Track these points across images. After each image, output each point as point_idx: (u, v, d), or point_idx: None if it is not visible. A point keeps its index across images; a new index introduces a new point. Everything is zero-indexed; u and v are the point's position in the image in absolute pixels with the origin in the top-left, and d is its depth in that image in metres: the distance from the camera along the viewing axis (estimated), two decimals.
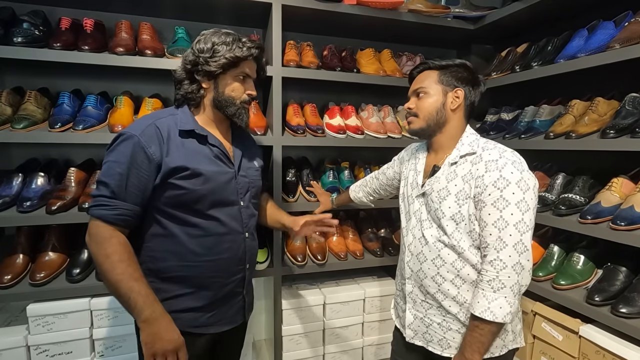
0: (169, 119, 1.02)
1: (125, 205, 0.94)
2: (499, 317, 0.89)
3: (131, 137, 0.94)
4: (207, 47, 1.00)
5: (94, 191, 0.95)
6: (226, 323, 1.10)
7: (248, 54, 1.02)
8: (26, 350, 1.34)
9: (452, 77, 1.03)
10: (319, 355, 1.73)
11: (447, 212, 0.98)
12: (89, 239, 0.93)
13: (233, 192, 1.07)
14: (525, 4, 1.53)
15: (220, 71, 1.01)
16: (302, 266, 1.63)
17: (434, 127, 1.04)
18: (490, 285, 0.90)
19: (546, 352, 1.41)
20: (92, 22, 1.42)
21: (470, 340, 0.94)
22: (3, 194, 1.34)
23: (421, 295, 1.07)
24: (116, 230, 0.93)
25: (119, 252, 0.91)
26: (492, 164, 0.93)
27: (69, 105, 1.41)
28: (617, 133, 1.21)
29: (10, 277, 1.32)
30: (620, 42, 1.19)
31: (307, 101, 1.81)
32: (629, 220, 1.14)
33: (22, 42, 1.27)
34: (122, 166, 0.92)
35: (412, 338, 1.10)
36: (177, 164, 0.97)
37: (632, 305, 1.14)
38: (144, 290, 0.91)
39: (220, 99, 1.04)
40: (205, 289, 1.05)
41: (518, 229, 0.89)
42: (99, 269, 0.92)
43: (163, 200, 0.98)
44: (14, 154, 1.56)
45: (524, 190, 0.90)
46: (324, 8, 1.53)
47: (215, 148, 1.05)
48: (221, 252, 1.05)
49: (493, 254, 0.90)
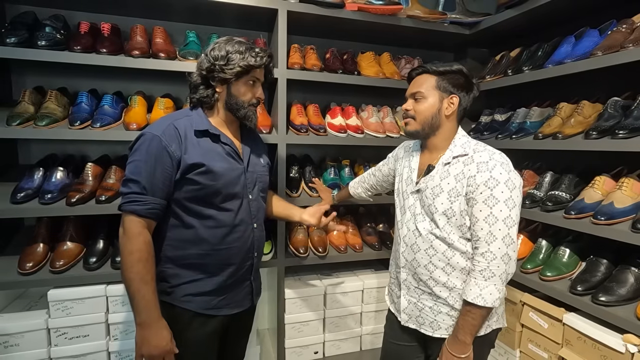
0: (185, 120, 1.10)
1: (155, 200, 1.02)
2: (489, 302, 0.99)
3: (154, 138, 1.02)
4: (222, 55, 1.08)
5: (123, 189, 1.03)
6: (236, 306, 1.20)
7: (261, 63, 1.11)
8: (46, 332, 1.44)
9: (449, 84, 1.09)
10: (319, 342, 1.83)
11: (439, 208, 1.07)
12: (122, 232, 1.02)
13: (242, 186, 1.16)
14: (518, 11, 1.61)
15: (234, 78, 1.10)
16: (304, 258, 1.72)
17: (428, 130, 1.12)
18: (482, 275, 1.00)
19: (533, 340, 1.50)
20: (109, 26, 1.51)
21: (462, 324, 1.04)
22: (26, 186, 1.42)
23: (414, 282, 1.16)
24: (145, 226, 1.02)
25: (140, 251, 1.00)
26: (483, 165, 1.01)
27: (87, 104, 1.50)
28: (600, 134, 1.29)
29: (31, 265, 1.41)
30: (603, 49, 1.27)
31: (310, 102, 1.90)
32: (608, 216, 1.23)
33: (46, 45, 1.36)
34: (149, 164, 1.01)
35: (406, 322, 1.20)
36: (194, 160, 1.05)
37: (611, 294, 1.23)
38: (148, 295, 1.00)
39: (232, 102, 1.13)
40: (217, 275, 1.14)
41: (506, 223, 0.98)
42: (122, 262, 1.01)
43: (182, 194, 1.07)
44: (33, 150, 1.66)
45: (511, 189, 0.99)
46: (327, 14, 1.62)
47: (227, 146, 1.14)
48: (232, 241, 1.14)
49: (484, 246, 1.00)
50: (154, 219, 1.05)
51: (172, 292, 1.11)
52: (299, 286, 1.79)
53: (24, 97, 1.45)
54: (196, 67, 1.14)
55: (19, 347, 1.41)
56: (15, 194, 1.39)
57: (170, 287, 1.11)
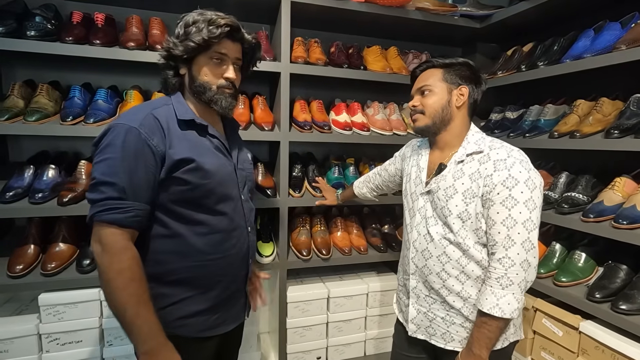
0: (165, 109, 0.93)
1: (139, 205, 0.85)
2: (507, 313, 0.91)
3: (131, 130, 0.84)
4: (180, 31, 0.93)
5: (94, 195, 0.83)
6: (232, 322, 1.06)
7: (216, 34, 0.92)
8: (37, 338, 1.38)
9: (456, 75, 1.04)
10: (322, 347, 1.77)
11: (454, 210, 0.99)
12: (99, 249, 0.83)
13: (234, 185, 1.02)
14: (532, 3, 1.54)
15: (191, 55, 0.93)
16: (307, 260, 1.66)
17: (439, 125, 1.05)
18: (498, 283, 0.92)
19: (546, 348, 1.44)
20: (103, 16, 1.44)
21: (478, 337, 0.96)
22: (15, 185, 1.36)
23: (425, 291, 1.09)
24: (130, 237, 0.85)
25: (132, 269, 0.83)
26: (500, 163, 0.94)
27: (80, 98, 1.43)
28: (621, 133, 1.22)
29: (22, 267, 1.34)
30: (627, 43, 1.20)
31: (313, 97, 1.83)
32: (630, 219, 1.16)
33: (35, 36, 1.29)
34: (127, 162, 0.83)
35: (414, 332, 1.12)
36: (182, 155, 0.89)
37: (632, 302, 1.17)
38: (150, 317, 0.84)
39: (196, 84, 0.96)
40: (212, 289, 0.99)
41: (526, 227, 0.91)
42: (106, 285, 0.82)
43: (167, 197, 0.91)
44: (24, 146, 1.59)
45: (532, 189, 0.91)
46: (333, 5, 1.55)
47: (215, 140, 0.99)
48: (228, 248, 1.00)
49: (502, 251, 0.92)
50: (137, 229, 0.87)
51: (160, 316, 0.89)
52: (302, 289, 1.72)
53: (12, 91, 1.38)
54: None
55: (8, 354, 1.34)
56: (4, 192, 1.33)
57: (157, 311, 0.88)
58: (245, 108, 1.63)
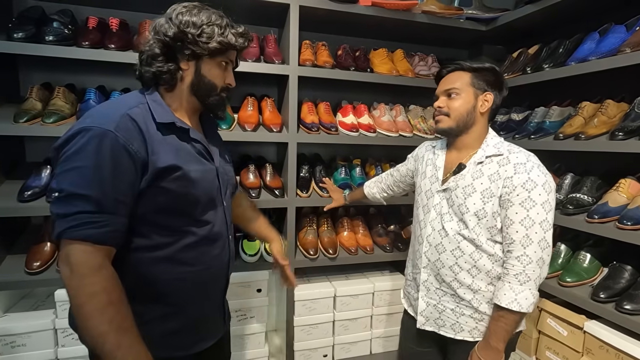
0: (140, 109, 0.83)
1: (116, 219, 0.75)
2: (525, 307, 0.97)
3: (105, 134, 0.74)
4: (194, 22, 0.84)
5: (62, 208, 0.72)
6: (211, 337, 0.99)
7: (242, 46, 0.91)
8: (54, 333, 1.42)
9: (484, 81, 1.07)
10: (329, 345, 1.79)
11: (471, 208, 1.04)
12: (67, 270, 0.71)
13: (217, 192, 0.95)
14: (538, 6, 1.55)
15: (208, 55, 0.87)
16: (314, 259, 1.69)
17: (462, 128, 1.09)
18: (517, 279, 0.97)
19: (551, 347, 1.45)
20: (117, 21, 1.48)
21: (495, 330, 1.01)
22: (33, 185, 1.40)
23: (436, 283, 1.13)
24: (106, 255, 0.75)
25: (108, 291, 0.72)
26: (520, 166, 0.99)
27: (95, 101, 1.47)
28: (626, 135, 1.24)
29: (39, 264, 1.38)
30: (631, 46, 1.21)
31: (321, 99, 1.85)
32: (635, 220, 1.18)
33: (53, 41, 1.33)
34: (103, 171, 0.73)
35: (423, 324, 1.17)
36: (167, 163, 0.81)
37: (636, 303, 1.18)
38: (135, 345, 0.73)
39: (201, 84, 0.89)
40: (190, 304, 0.91)
41: (542, 227, 0.96)
42: (78, 312, 0.70)
43: (149, 207, 0.82)
44: (40, 147, 1.63)
45: (548, 192, 0.97)
46: (340, 9, 1.57)
47: (198, 144, 0.91)
48: (211, 259, 0.93)
49: (520, 250, 0.97)
50: (114, 246, 0.77)
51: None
52: (309, 288, 1.75)
53: (31, 94, 1.42)
54: (152, 32, 0.86)
55: (25, 347, 1.39)
56: (23, 192, 1.37)
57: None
58: (254, 110, 1.67)
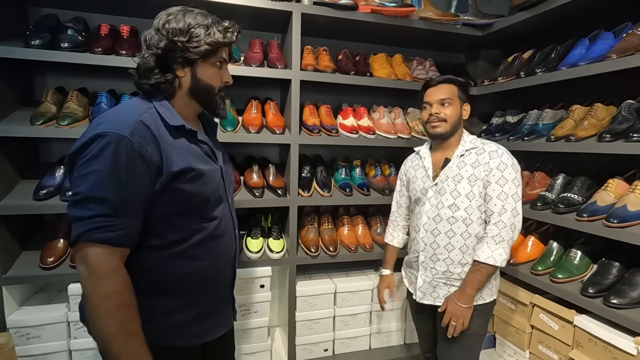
0: (150, 114, 0.86)
1: (131, 222, 0.79)
2: (499, 262, 1.21)
3: (121, 139, 0.77)
4: (180, 28, 0.86)
5: (79, 212, 0.76)
6: (222, 327, 1.04)
7: (231, 40, 0.92)
8: (67, 325, 1.49)
9: (464, 93, 1.34)
10: (329, 340, 1.85)
11: (462, 192, 1.27)
12: (86, 271, 0.76)
13: (223, 190, 1.01)
14: (531, 13, 1.61)
15: (201, 58, 0.89)
16: (315, 257, 1.75)
17: (452, 131, 1.32)
18: (493, 240, 1.22)
19: (543, 341, 1.50)
20: (128, 28, 1.55)
21: (472, 280, 1.24)
22: (47, 184, 1.47)
23: (431, 263, 1.34)
24: (121, 257, 0.80)
25: (120, 294, 0.76)
26: (494, 153, 1.26)
27: (106, 104, 1.54)
28: (613, 137, 1.29)
29: (52, 260, 1.45)
30: (617, 52, 1.27)
31: (322, 102, 1.92)
32: (621, 218, 1.23)
33: (68, 47, 1.40)
34: (119, 175, 0.76)
35: (421, 299, 1.37)
36: (182, 166, 0.85)
37: (623, 297, 1.23)
38: (139, 350, 0.78)
39: (200, 88, 0.93)
40: (201, 296, 0.96)
41: (514, 199, 1.22)
42: (91, 311, 0.76)
43: (163, 208, 0.86)
44: (54, 148, 1.71)
45: (516, 171, 1.24)
46: (341, 16, 1.64)
47: (205, 145, 0.97)
48: (220, 254, 0.98)
49: (496, 217, 1.23)
50: (129, 247, 0.82)
51: (147, 329, 0.82)
52: (310, 285, 1.81)
53: (46, 97, 1.49)
54: (144, 45, 0.90)
55: (40, 339, 1.46)
56: (38, 191, 1.44)
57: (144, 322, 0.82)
58: (257, 112, 1.73)
